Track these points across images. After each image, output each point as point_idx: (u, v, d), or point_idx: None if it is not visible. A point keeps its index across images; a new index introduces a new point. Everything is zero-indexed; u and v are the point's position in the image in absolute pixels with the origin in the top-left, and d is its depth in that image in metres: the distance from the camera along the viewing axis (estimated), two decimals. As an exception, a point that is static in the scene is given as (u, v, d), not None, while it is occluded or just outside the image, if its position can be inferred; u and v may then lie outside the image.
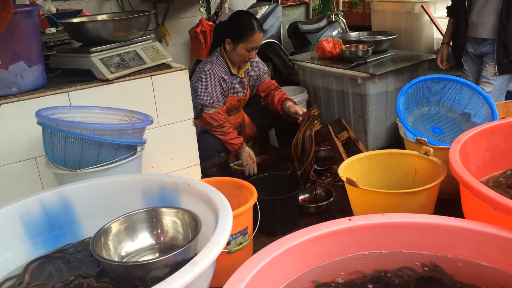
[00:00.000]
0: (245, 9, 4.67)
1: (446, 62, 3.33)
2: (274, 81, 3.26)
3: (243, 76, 3.04)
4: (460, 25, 3.14)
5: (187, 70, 2.37)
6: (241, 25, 2.83)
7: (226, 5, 4.43)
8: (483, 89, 3.01)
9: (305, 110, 3.05)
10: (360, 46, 3.67)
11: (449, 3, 3.34)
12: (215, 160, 2.82)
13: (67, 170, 1.82)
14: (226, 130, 2.87)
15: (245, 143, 3.00)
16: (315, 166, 3.06)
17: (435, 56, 3.57)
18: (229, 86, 2.94)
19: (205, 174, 2.81)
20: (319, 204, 2.74)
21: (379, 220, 1.21)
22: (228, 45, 2.86)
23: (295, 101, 3.39)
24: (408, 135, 2.68)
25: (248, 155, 2.98)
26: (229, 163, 3.05)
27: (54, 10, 3.15)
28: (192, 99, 2.44)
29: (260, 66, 3.19)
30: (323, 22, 4.82)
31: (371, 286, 1.16)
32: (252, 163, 3.00)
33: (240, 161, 3.07)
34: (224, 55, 2.92)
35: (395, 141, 3.42)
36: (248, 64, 3.06)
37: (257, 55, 3.16)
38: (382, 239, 1.21)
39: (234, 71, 2.95)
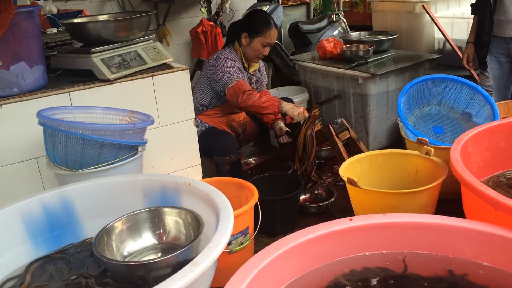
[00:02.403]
0: (245, 9, 4.68)
1: (472, 63, 3.22)
2: (269, 93, 3.26)
3: (252, 74, 3.08)
4: (485, 24, 3.02)
5: (188, 70, 2.38)
6: (259, 20, 2.93)
7: (227, 5, 4.43)
8: None
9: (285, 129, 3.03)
10: (361, 46, 3.66)
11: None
12: (232, 157, 2.82)
13: (68, 170, 1.82)
14: (256, 94, 2.76)
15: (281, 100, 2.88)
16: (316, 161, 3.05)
17: (436, 56, 3.57)
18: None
19: (218, 170, 2.81)
20: (320, 204, 2.74)
21: (380, 220, 1.21)
22: (244, 39, 2.92)
23: (296, 101, 3.40)
24: (409, 135, 2.68)
25: (292, 105, 2.89)
26: (241, 162, 3.04)
27: (55, 11, 3.15)
28: (205, 91, 2.42)
29: (265, 75, 3.26)
30: (324, 22, 4.82)
31: (372, 286, 1.16)
32: (302, 110, 2.85)
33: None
34: (238, 50, 2.97)
35: (396, 141, 3.42)
36: (258, 64, 3.11)
37: (264, 64, 3.20)
38: (383, 239, 1.21)
39: (245, 66, 3.00)
